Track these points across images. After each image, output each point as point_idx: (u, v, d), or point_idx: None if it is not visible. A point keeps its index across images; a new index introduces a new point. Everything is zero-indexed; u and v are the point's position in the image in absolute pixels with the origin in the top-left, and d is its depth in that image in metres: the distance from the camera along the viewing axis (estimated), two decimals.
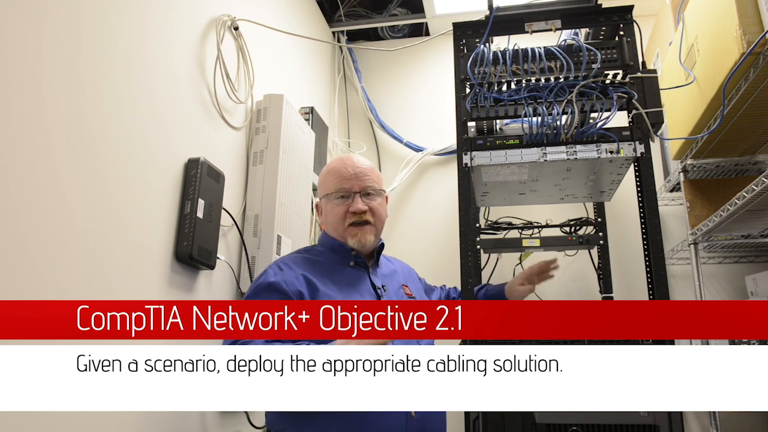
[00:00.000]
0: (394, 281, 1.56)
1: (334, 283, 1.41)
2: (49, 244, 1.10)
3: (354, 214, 1.46)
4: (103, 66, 1.28)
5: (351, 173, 1.48)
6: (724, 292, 2.46)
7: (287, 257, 1.47)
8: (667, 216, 2.55)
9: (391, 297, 1.49)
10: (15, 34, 1.05)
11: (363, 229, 1.46)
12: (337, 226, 1.48)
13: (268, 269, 1.40)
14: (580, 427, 1.43)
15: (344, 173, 1.48)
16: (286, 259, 1.45)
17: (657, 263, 1.60)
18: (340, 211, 1.47)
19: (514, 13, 1.88)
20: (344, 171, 1.49)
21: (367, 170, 1.50)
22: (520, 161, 1.74)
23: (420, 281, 1.74)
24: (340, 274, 1.45)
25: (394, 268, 1.63)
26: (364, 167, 1.51)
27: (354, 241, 1.46)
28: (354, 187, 1.47)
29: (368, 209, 1.47)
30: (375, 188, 1.51)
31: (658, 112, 1.70)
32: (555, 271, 1.86)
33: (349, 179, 1.47)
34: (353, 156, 1.55)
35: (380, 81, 3.18)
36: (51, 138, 1.12)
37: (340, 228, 1.48)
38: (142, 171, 1.39)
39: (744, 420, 2.31)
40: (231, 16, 1.87)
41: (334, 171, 1.50)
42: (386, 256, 1.67)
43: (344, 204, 1.47)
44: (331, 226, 1.50)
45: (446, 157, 2.96)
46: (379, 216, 1.52)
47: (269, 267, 1.41)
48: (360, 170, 1.49)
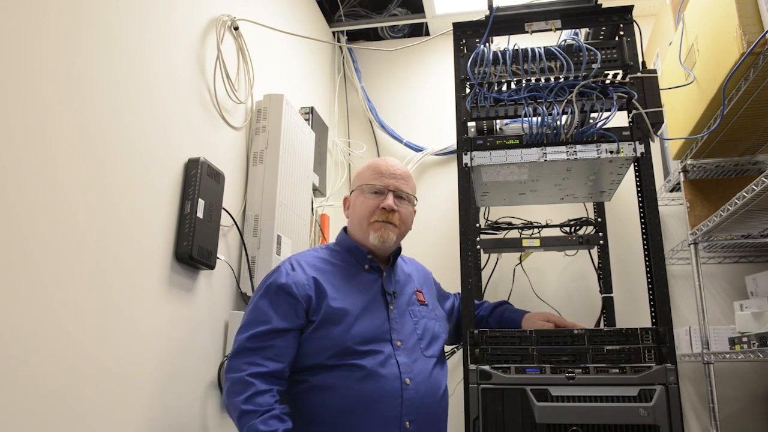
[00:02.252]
0: (408, 287, 1.55)
1: (345, 288, 1.40)
2: (49, 244, 1.10)
3: (384, 211, 1.46)
4: (103, 66, 1.28)
5: (390, 172, 1.49)
6: (724, 292, 2.46)
7: (302, 256, 1.47)
8: (667, 216, 2.55)
9: (401, 305, 1.47)
10: (15, 34, 1.05)
11: (387, 226, 1.46)
12: (363, 219, 1.48)
13: (281, 267, 1.41)
14: (580, 427, 1.43)
15: (384, 170, 1.49)
16: (300, 259, 1.44)
17: (657, 263, 1.60)
18: (371, 205, 1.47)
19: (514, 13, 1.88)
20: (384, 168, 1.50)
21: (405, 175, 1.53)
22: (520, 161, 1.74)
23: (434, 285, 1.72)
24: (353, 278, 1.44)
25: (410, 273, 1.61)
26: (403, 172, 1.53)
27: (376, 236, 1.45)
28: (390, 186, 1.48)
29: (397, 211, 1.47)
30: (409, 194, 1.53)
31: (658, 112, 1.70)
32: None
33: (387, 177, 1.48)
34: (394, 159, 1.57)
35: (380, 81, 3.18)
36: (51, 138, 1.12)
37: (365, 221, 1.47)
38: (142, 171, 1.39)
39: (744, 420, 2.31)
40: (231, 16, 1.87)
41: (374, 166, 1.52)
42: (404, 258, 1.65)
43: (376, 199, 1.47)
44: (357, 219, 1.50)
45: (446, 157, 2.96)
46: (405, 222, 1.52)
47: (283, 264, 1.42)
48: (399, 173, 1.51)
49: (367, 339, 1.33)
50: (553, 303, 2.55)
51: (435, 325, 1.52)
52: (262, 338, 1.29)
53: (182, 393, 1.50)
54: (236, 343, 1.31)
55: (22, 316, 1.02)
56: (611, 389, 1.46)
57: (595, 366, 1.50)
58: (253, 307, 1.36)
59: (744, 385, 2.34)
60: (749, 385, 2.34)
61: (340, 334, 1.32)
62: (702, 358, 2.01)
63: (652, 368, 1.48)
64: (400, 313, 1.44)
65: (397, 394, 1.30)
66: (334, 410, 1.27)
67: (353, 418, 1.26)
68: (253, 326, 1.31)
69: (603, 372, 1.49)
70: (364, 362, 1.30)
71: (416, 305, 1.51)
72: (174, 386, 1.46)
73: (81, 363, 1.15)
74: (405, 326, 1.43)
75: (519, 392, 1.49)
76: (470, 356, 1.56)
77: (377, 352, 1.33)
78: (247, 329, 1.32)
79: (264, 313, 1.32)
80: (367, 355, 1.31)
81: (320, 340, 1.32)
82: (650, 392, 1.45)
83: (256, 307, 1.35)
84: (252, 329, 1.31)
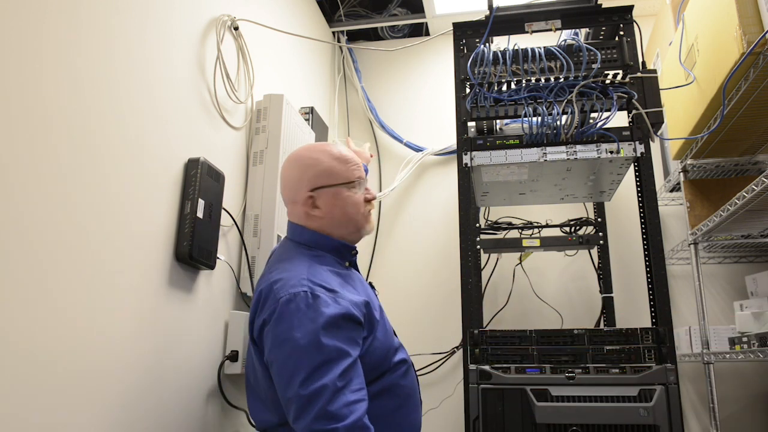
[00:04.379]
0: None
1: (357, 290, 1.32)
2: (50, 243, 1.10)
3: (369, 202, 1.37)
4: (103, 66, 1.28)
5: (357, 160, 1.38)
6: (724, 292, 2.46)
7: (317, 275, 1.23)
8: (667, 216, 2.56)
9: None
10: (15, 34, 1.05)
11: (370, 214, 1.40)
12: (356, 215, 1.34)
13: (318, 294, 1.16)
14: (580, 427, 1.43)
15: (350, 158, 1.36)
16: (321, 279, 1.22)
17: (657, 263, 1.60)
18: (359, 200, 1.35)
19: (514, 13, 1.89)
20: (350, 156, 1.37)
21: (362, 154, 1.48)
22: (520, 161, 1.74)
23: None
24: (350, 278, 1.35)
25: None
26: (359, 150, 1.48)
27: (370, 226, 1.39)
28: (363, 175, 1.37)
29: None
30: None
31: (658, 112, 1.70)
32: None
33: (358, 164, 1.36)
34: (338, 142, 1.49)
35: (380, 81, 3.18)
36: (51, 138, 1.12)
37: (358, 217, 1.35)
38: (142, 171, 1.39)
39: (744, 420, 2.31)
40: (231, 16, 1.87)
41: (343, 158, 1.35)
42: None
43: (360, 191, 1.36)
44: (346, 218, 1.34)
45: (446, 157, 2.96)
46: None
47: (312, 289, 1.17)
48: (361, 155, 1.47)
49: (390, 332, 1.34)
50: (553, 303, 2.55)
51: None
52: (347, 373, 1.11)
53: (182, 393, 1.50)
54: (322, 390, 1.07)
55: (23, 316, 1.02)
56: (611, 389, 1.47)
57: (595, 366, 1.50)
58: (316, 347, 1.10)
59: (744, 385, 2.34)
60: (749, 385, 2.34)
61: (383, 336, 1.28)
62: (702, 358, 2.01)
63: (652, 368, 1.48)
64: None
65: (416, 382, 1.34)
66: (390, 410, 1.26)
67: (404, 412, 1.27)
68: (333, 364, 1.10)
69: (603, 372, 1.49)
70: (399, 357, 1.30)
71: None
72: (174, 386, 1.46)
73: (81, 362, 1.15)
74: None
75: (519, 392, 1.49)
76: (470, 356, 1.56)
77: (396, 346, 1.34)
78: (326, 371, 1.08)
79: (336, 349, 1.11)
80: (399, 349, 1.33)
81: (375, 351, 1.24)
82: (650, 392, 1.45)
83: (322, 345, 1.10)
84: (335, 368, 1.09)
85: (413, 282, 2.79)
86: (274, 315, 1.15)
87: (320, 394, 1.06)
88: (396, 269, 2.81)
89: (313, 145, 1.42)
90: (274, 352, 1.14)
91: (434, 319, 2.68)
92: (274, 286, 1.19)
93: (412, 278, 2.80)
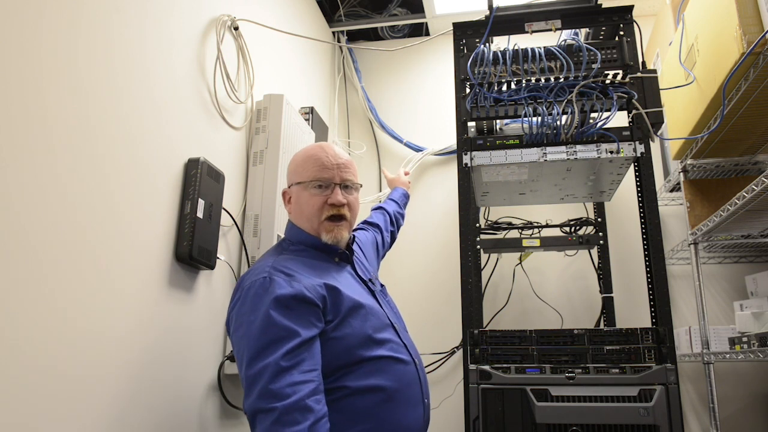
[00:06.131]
0: (371, 269, 1.53)
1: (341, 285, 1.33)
2: (50, 243, 1.10)
3: (332, 207, 1.36)
4: (103, 66, 1.28)
5: (333, 163, 1.37)
6: (724, 292, 2.46)
7: (281, 261, 1.29)
8: (667, 216, 2.56)
9: (377, 289, 1.45)
10: (15, 34, 1.05)
11: (339, 225, 1.37)
12: (311, 218, 1.36)
13: (273, 277, 1.21)
14: (580, 427, 1.43)
15: (326, 162, 1.36)
16: (283, 264, 1.27)
17: (657, 263, 1.60)
18: (317, 202, 1.35)
19: (514, 13, 1.89)
20: (326, 160, 1.37)
21: (348, 162, 1.42)
22: (520, 161, 1.74)
23: (372, 233, 1.73)
24: (331, 271, 1.36)
25: (360, 247, 1.59)
26: (346, 159, 1.42)
27: (329, 236, 1.36)
28: (335, 178, 1.36)
29: (346, 203, 1.38)
30: (354, 182, 1.42)
31: (658, 112, 1.70)
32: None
33: (331, 169, 1.36)
34: (333, 145, 1.46)
35: (380, 81, 3.18)
36: (51, 138, 1.12)
37: (314, 221, 1.36)
38: (142, 171, 1.39)
39: (744, 420, 2.31)
40: (231, 16, 1.87)
41: (314, 158, 1.37)
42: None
43: (322, 195, 1.35)
44: (305, 217, 1.37)
45: (446, 157, 2.96)
46: (354, 211, 1.43)
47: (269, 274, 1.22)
48: (342, 161, 1.40)
49: (378, 327, 1.31)
50: (553, 303, 2.55)
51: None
52: (296, 353, 1.13)
53: (182, 393, 1.50)
54: (264, 369, 1.10)
55: (23, 316, 1.02)
56: (611, 389, 1.47)
57: (595, 366, 1.50)
58: (265, 327, 1.15)
59: (744, 385, 2.35)
60: (749, 385, 2.34)
61: (360, 327, 1.27)
62: (702, 358, 2.01)
63: (652, 368, 1.48)
64: (381, 297, 1.43)
65: (416, 375, 1.32)
66: (377, 404, 1.24)
67: (391, 408, 1.24)
68: (280, 344, 1.12)
69: (603, 372, 1.49)
70: (385, 352, 1.28)
71: (381, 286, 1.50)
72: (174, 387, 1.46)
73: (81, 362, 1.15)
74: (391, 309, 1.43)
75: (519, 392, 1.49)
76: (470, 356, 1.56)
77: (389, 340, 1.31)
78: (273, 350, 1.12)
79: (284, 328, 1.14)
80: (385, 344, 1.29)
81: (347, 338, 1.24)
82: (650, 392, 1.45)
83: (270, 324, 1.14)
84: (281, 347, 1.11)
85: (413, 282, 2.79)
86: (238, 302, 1.22)
87: (262, 373, 1.09)
88: (396, 269, 2.81)
89: (311, 144, 1.47)
90: (233, 337, 1.21)
91: (434, 319, 2.68)
92: (243, 278, 1.27)
93: (412, 278, 2.80)
